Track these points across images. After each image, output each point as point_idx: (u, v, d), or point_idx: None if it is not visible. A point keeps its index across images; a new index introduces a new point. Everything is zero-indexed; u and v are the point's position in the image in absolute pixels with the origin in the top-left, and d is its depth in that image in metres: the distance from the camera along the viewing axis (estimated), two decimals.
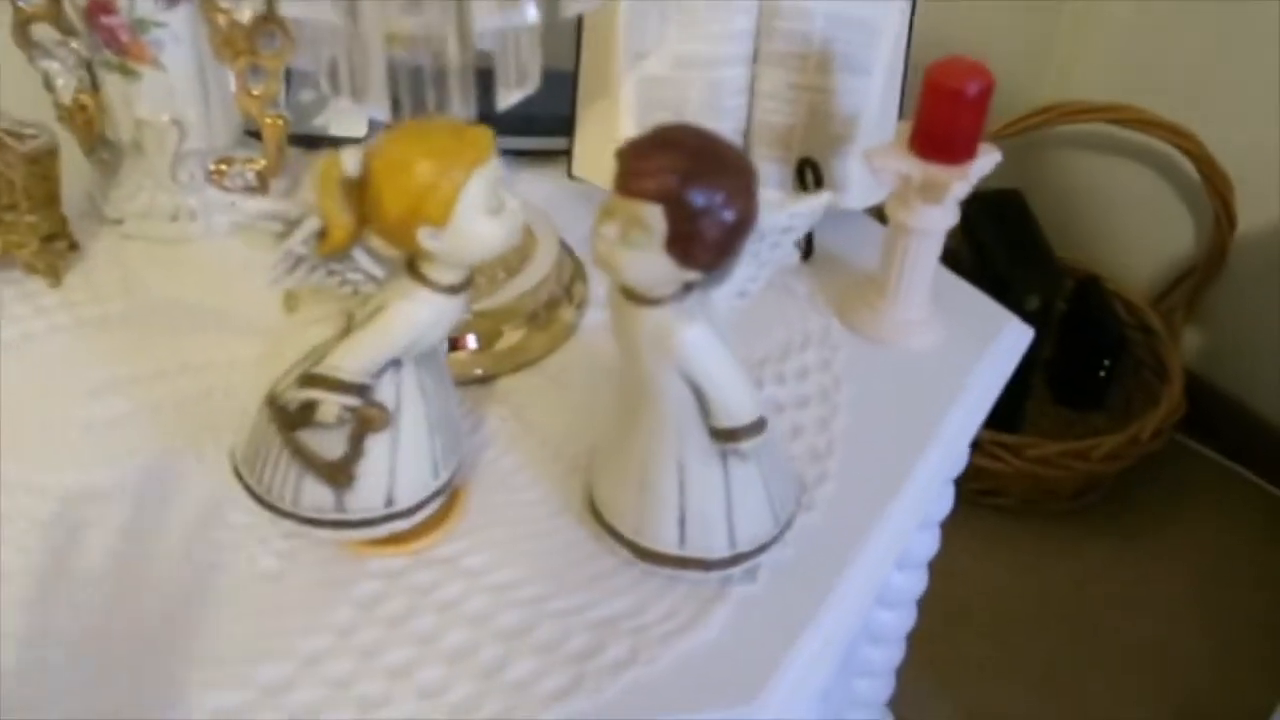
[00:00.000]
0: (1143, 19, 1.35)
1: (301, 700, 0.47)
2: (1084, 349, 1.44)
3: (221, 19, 0.67)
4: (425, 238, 0.43)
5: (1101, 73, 1.41)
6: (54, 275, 0.68)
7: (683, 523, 0.50)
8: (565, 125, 0.78)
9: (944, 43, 1.29)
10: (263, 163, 0.74)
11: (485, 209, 0.44)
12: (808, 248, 0.74)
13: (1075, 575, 1.31)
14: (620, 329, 0.47)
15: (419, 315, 0.46)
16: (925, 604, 0.89)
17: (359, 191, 0.44)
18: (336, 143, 0.82)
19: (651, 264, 0.44)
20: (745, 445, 0.48)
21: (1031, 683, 1.19)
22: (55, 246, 0.68)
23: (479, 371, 0.63)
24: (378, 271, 0.47)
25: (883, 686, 0.92)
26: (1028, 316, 1.33)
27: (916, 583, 0.84)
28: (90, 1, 0.65)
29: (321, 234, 0.45)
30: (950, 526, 0.81)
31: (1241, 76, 1.27)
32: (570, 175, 0.78)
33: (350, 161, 0.43)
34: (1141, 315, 1.41)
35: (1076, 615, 1.26)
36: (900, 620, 0.85)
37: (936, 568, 0.84)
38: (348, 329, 0.47)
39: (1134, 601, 1.29)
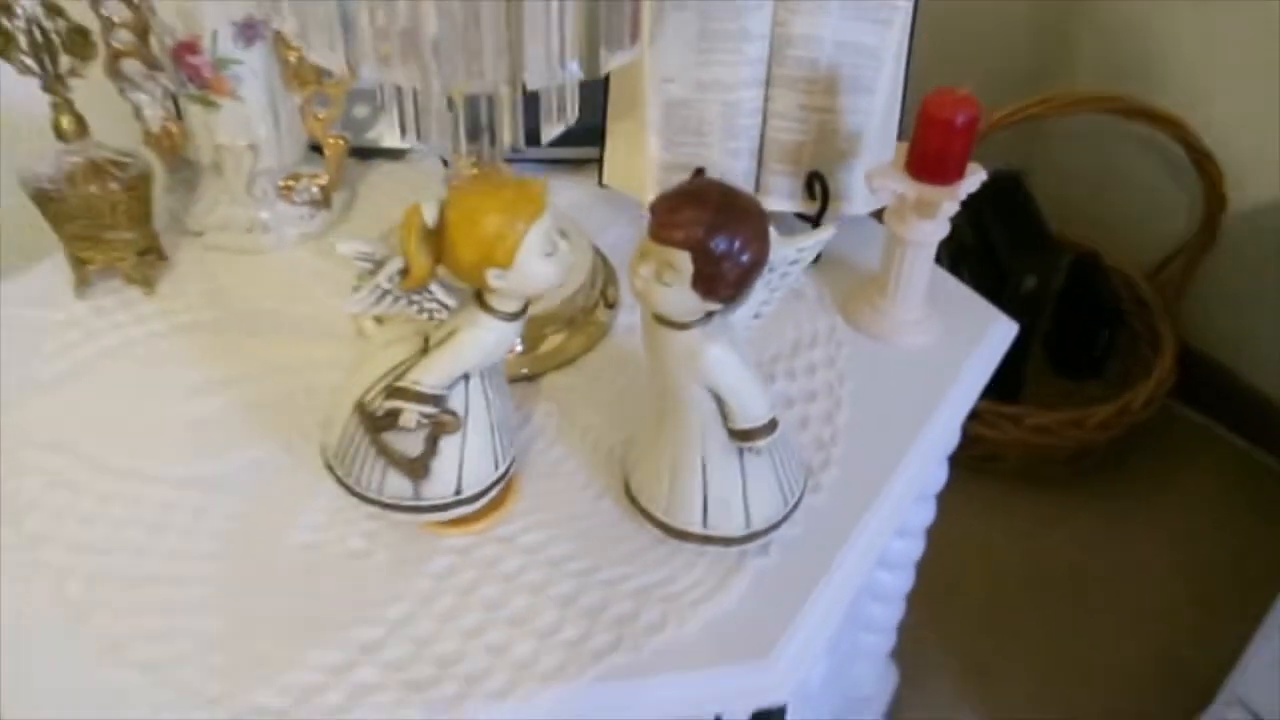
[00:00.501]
0: (1140, 6, 1.41)
1: (391, 657, 0.57)
2: (1082, 321, 1.51)
3: (292, 55, 0.76)
4: (492, 278, 0.52)
5: (1101, 59, 1.48)
6: (149, 285, 0.77)
7: (706, 506, 0.60)
8: (595, 135, 0.86)
9: (949, 31, 1.37)
10: (326, 177, 0.83)
11: (542, 252, 0.52)
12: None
13: (1069, 537, 1.39)
14: (653, 348, 0.56)
15: (486, 339, 0.55)
16: (927, 565, 0.97)
17: (436, 238, 0.53)
18: (389, 154, 0.91)
19: (680, 298, 0.52)
20: (759, 443, 0.57)
21: (1025, 637, 1.28)
22: (148, 259, 0.77)
23: (525, 371, 0.72)
24: (450, 301, 0.55)
25: (885, 640, 1.02)
26: (1024, 295, 1.42)
27: (914, 548, 0.93)
28: (177, 43, 0.74)
29: (404, 271, 0.54)
30: (951, 493, 0.89)
31: (1234, 62, 1.34)
32: (600, 184, 0.86)
33: (429, 214, 0.52)
34: (1137, 289, 1.49)
35: (1069, 575, 1.35)
36: (900, 581, 0.95)
37: (938, 531, 0.93)
38: (425, 349, 0.56)
39: (1124, 562, 1.37)
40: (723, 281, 0.52)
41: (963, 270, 1.44)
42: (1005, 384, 1.44)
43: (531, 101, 0.65)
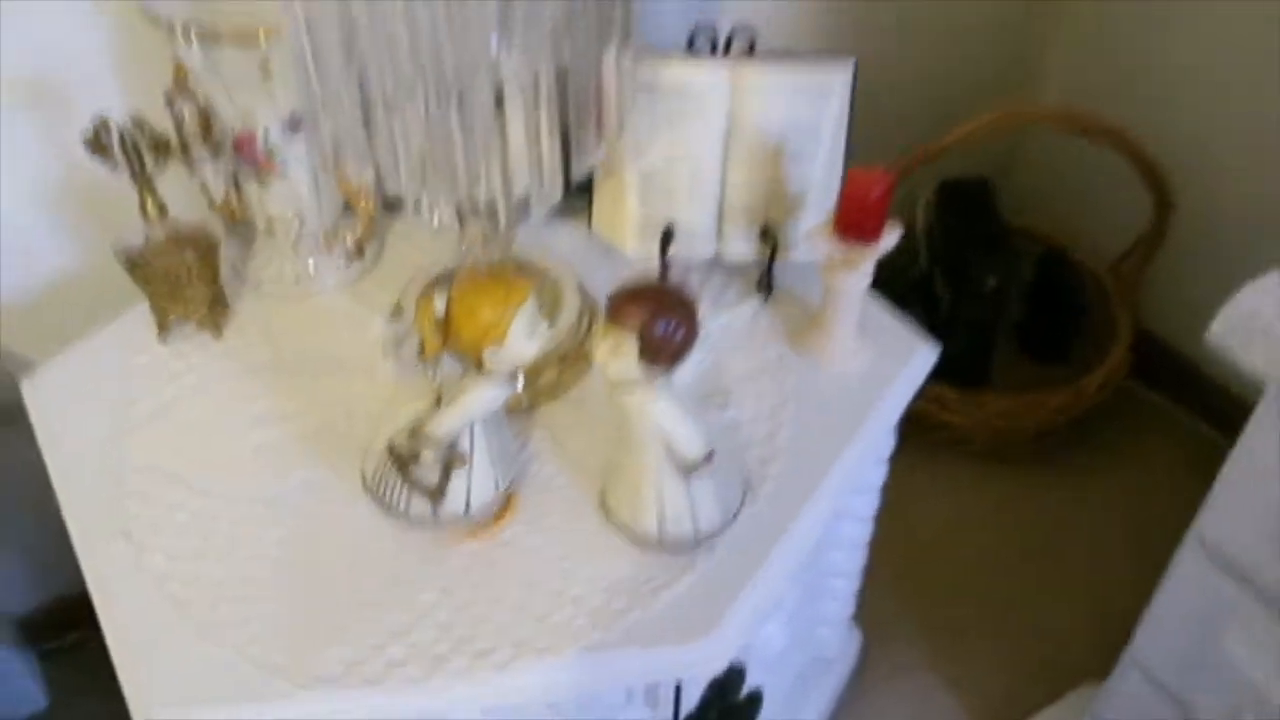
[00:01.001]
0: (1102, 23, 1.54)
1: (420, 638, 0.74)
2: (1050, 311, 1.66)
3: None
4: (488, 354, 0.68)
5: (1064, 70, 1.61)
6: (217, 330, 0.94)
7: (661, 519, 0.76)
8: (586, 183, 1.01)
9: (923, 40, 1.50)
10: (359, 232, 0.99)
11: (526, 335, 0.68)
12: (769, 289, 0.98)
13: (1034, 511, 1.54)
14: (614, 403, 0.72)
15: (485, 398, 0.71)
16: (897, 538, 1.10)
17: (444, 324, 0.69)
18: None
19: (631, 367, 0.68)
20: (700, 471, 0.73)
21: (987, 604, 1.43)
22: (216, 309, 0.94)
23: (524, 403, 0.88)
24: (458, 368, 0.72)
25: (844, 608, 1.18)
26: (988, 294, 1.56)
27: (862, 531, 1.09)
28: (237, 136, 0.90)
29: (421, 347, 0.70)
30: (923, 472, 1.02)
31: (1186, 75, 1.47)
32: (589, 229, 1.02)
33: (439, 307, 0.68)
34: (1099, 280, 1.63)
35: (1031, 546, 1.50)
36: (850, 559, 1.11)
37: (910, 506, 1.05)
38: (438, 403, 0.72)
39: (1083, 533, 1.52)
40: (662, 355, 0.68)
41: (936, 271, 1.59)
42: (974, 372, 1.60)
43: None
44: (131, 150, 0.83)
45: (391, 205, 1.06)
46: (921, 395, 0.97)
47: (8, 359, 1.06)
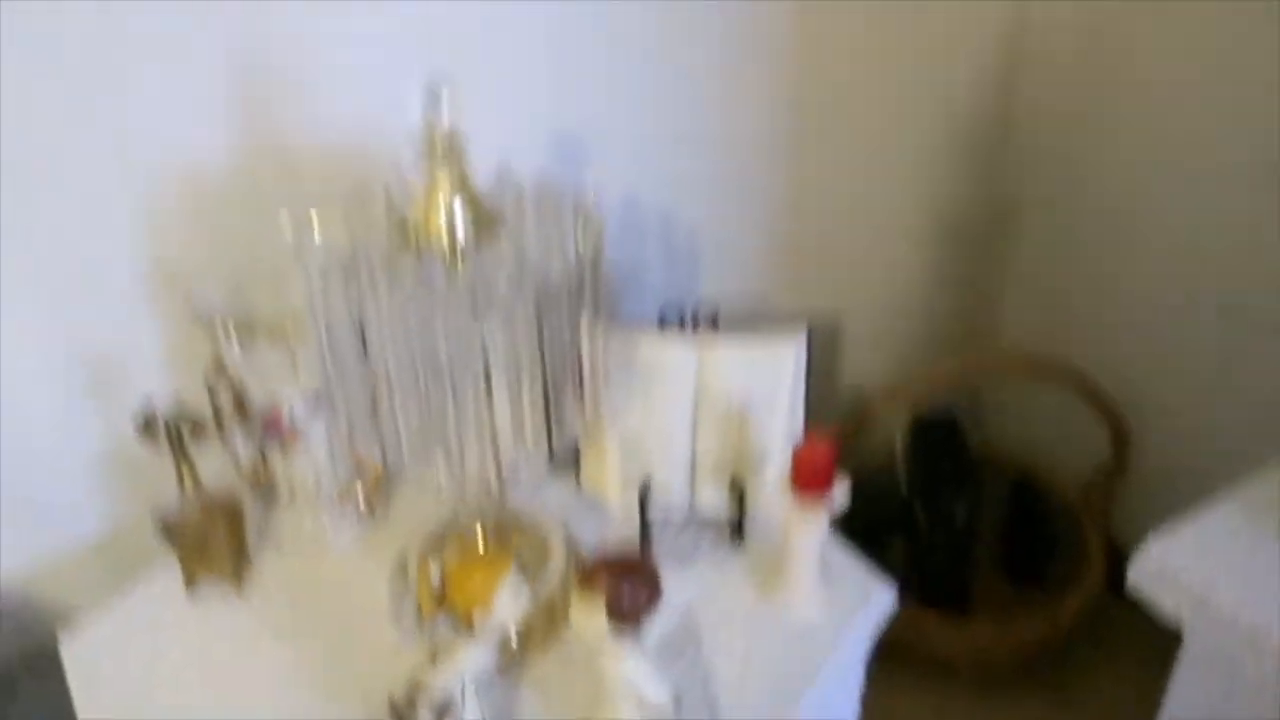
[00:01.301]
0: (1053, 268, 1.70)
1: None
2: (1024, 536, 1.75)
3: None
4: (478, 616, 0.78)
5: (1020, 312, 1.76)
6: (240, 586, 1.05)
7: None
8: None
9: (889, 293, 1.65)
10: (369, 490, 1.11)
11: (511, 599, 0.79)
12: (740, 538, 1.08)
13: None
14: (589, 659, 0.81)
15: (476, 655, 0.81)
16: None
17: (440, 590, 0.79)
18: None
19: (601, 629, 0.78)
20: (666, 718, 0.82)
21: None
22: (241, 567, 1.05)
23: (516, 655, 0.97)
24: (452, 629, 0.82)
25: None
26: (959, 526, 1.65)
27: None
28: (266, 417, 1.03)
29: (420, 611, 0.80)
30: (906, 695, 1.07)
31: (1129, 314, 1.61)
32: (578, 486, 1.13)
33: (434, 575, 0.79)
34: (1069, 505, 1.72)
35: None
36: None
37: None
38: (434, 660, 0.82)
39: None
40: (629, 617, 0.78)
41: (915, 502, 1.69)
42: (954, 597, 1.67)
43: None
44: (174, 434, 0.96)
45: (397, 469, 1.18)
46: (901, 622, 1.04)
47: (46, 612, 1.16)
